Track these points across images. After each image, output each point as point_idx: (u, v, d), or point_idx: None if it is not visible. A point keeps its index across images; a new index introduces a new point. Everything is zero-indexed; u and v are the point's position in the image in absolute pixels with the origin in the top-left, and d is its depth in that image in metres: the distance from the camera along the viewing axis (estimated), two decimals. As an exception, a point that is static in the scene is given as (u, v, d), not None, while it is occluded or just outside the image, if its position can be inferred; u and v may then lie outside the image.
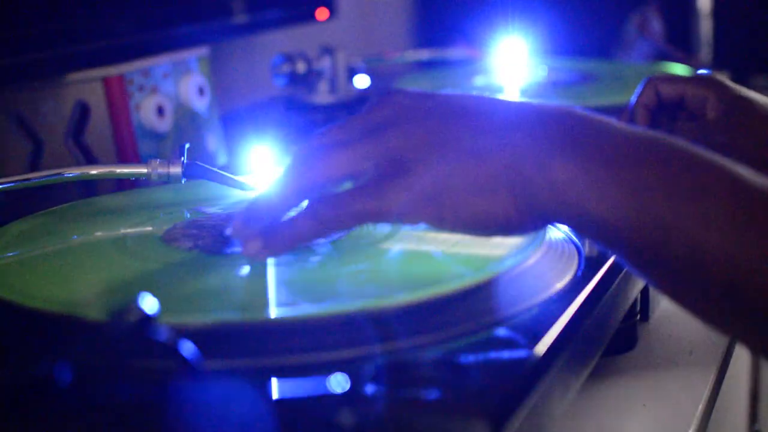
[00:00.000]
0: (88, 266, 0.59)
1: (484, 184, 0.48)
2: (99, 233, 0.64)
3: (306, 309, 0.49)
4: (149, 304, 0.43)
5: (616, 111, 0.95)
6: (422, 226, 0.49)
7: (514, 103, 0.51)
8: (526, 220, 0.48)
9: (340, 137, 0.51)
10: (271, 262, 0.55)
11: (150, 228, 0.63)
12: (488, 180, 0.48)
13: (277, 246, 0.51)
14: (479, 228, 0.49)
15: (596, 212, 0.46)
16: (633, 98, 0.80)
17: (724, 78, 0.78)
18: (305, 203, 0.51)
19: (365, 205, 0.49)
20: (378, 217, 0.49)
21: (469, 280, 0.52)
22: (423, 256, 0.57)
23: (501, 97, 0.53)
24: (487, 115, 0.50)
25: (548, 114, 0.49)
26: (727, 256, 0.43)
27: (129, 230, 0.63)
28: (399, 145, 0.49)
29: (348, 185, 0.50)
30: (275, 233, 0.50)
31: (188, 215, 0.66)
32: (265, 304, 0.51)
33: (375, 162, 0.49)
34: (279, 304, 0.51)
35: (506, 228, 0.49)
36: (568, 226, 0.49)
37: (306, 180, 0.50)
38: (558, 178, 0.47)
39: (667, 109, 0.80)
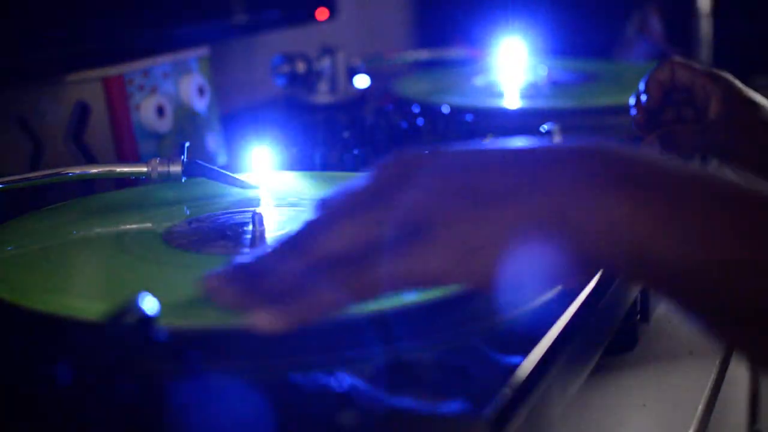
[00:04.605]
0: (88, 266, 0.59)
1: (527, 233, 0.42)
2: (98, 230, 0.64)
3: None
4: (149, 304, 0.43)
5: (616, 111, 0.95)
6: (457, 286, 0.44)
7: (537, 145, 0.46)
8: (574, 269, 0.44)
9: (347, 205, 0.45)
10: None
11: (150, 226, 0.63)
12: (532, 228, 0.42)
13: (294, 318, 0.43)
14: (527, 283, 0.44)
15: (661, 253, 0.41)
16: (647, 77, 0.81)
17: (733, 78, 0.78)
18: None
19: (398, 267, 0.43)
20: (413, 279, 0.43)
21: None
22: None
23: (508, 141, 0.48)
24: (513, 160, 0.45)
25: (585, 151, 0.44)
26: None
27: (129, 228, 0.63)
28: (418, 204, 0.44)
29: None
30: (290, 303, 0.43)
31: (188, 213, 0.66)
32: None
33: (393, 225, 0.44)
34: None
35: (553, 279, 0.44)
36: (623, 274, 0.45)
37: (312, 253, 0.44)
38: (614, 216, 0.42)
39: (675, 97, 0.80)
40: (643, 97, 0.81)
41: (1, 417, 0.42)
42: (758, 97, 0.76)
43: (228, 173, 0.69)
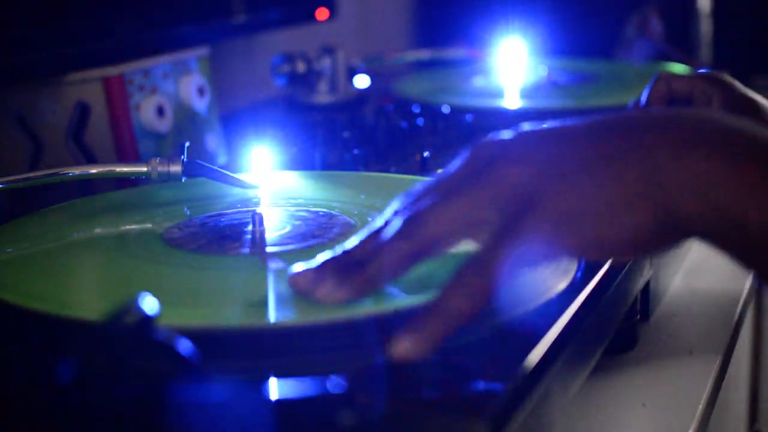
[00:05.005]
0: (88, 266, 0.59)
1: (619, 199, 0.43)
2: (98, 231, 0.64)
3: (307, 312, 0.49)
4: (149, 304, 0.43)
5: (616, 111, 0.94)
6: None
7: (622, 114, 0.47)
8: (670, 236, 0.44)
9: (444, 190, 0.46)
10: (275, 265, 0.55)
11: (150, 226, 0.63)
12: (624, 193, 0.43)
13: (429, 340, 0.43)
14: (625, 249, 0.44)
15: (752, 218, 0.42)
16: (644, 94, 0.80)
17: (731, 79, 0.78)
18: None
19: (510, 253, 0.43)
20: (527, 260, 0.44)
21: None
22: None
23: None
24: (602, 130, 0.46)
25: (682, 116, 0.45)
26: None
27: (129, 228, 0.63)
28: (516, 180, 0.44)
29: None
30: (418, 323, 0.43)
31: (188, 213, 0.66)
32: (266, 306, 0.51)
33: (495, 206, 0.45)
34: (279, 307, 0.51)
35: (650, 246, 0.45)
36: (715, 241, 0.45)
37: (419, 243, 0.45)
38: (702, 179, 0.43)
39: (675, 105, 0.80)
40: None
41: (1, 417, 0.42)
42: (758, 97, 0.76)
43: (228, 173, 0.69)
